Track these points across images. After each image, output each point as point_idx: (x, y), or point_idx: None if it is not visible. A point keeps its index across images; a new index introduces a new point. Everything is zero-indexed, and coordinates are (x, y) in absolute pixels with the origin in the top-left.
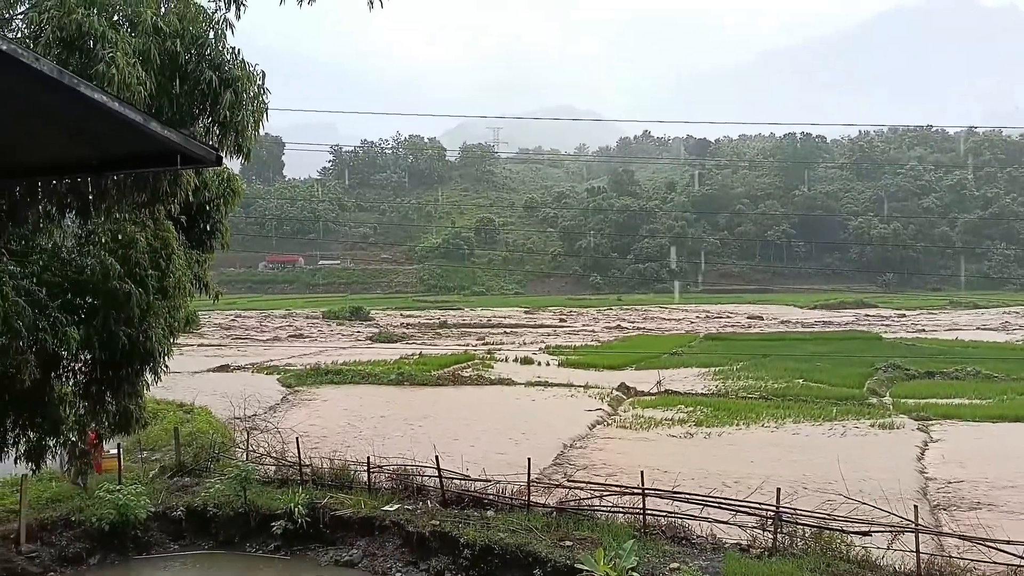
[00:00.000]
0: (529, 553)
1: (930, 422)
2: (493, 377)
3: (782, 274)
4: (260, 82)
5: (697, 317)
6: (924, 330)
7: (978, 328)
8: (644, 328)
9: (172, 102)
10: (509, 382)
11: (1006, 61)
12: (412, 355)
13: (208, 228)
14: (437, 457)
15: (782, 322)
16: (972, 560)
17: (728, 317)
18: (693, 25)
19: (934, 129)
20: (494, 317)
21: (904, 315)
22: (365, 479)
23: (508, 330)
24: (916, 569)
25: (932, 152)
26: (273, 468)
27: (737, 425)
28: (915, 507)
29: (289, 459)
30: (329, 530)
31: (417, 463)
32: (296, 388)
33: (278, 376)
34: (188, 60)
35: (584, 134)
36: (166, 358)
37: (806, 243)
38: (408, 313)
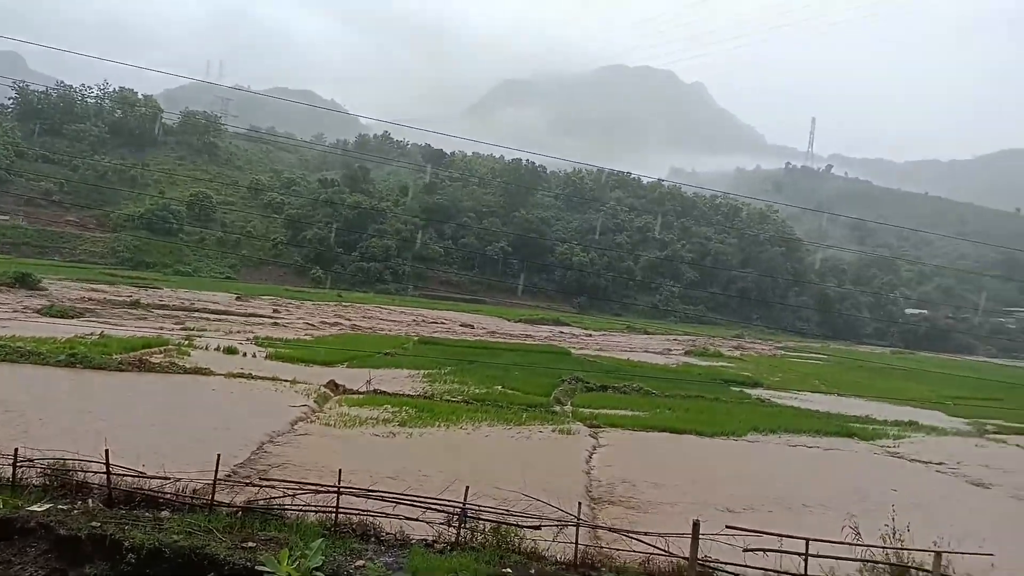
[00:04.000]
0: (206, 556)
1: (600, 429)
2: (188, 366)
3: (496, 288)
4: None
5: (414, 320)
6: (603, 349)
7: (645, 351)
8: (361, 327)
9: None
10: (207, 372)
11: (692, 128)
12: (91, 335)
13: None
14: (107, 451)
15: (490, 332)
16: (619, 549)
17: (443, 323)
18: (445, 40)
19: (632, 176)
20: (199, 301)
21: (590, 335)
22: (10, 475)
23: (214, 316)
24: (574, 558)
25: (628, 196)
26: None
27: (438, 426)
28: (579, 504)
29: None
30: None
31: (81, 457)
32: None
33: None
34: None
35: (322, 123)
36: None
37: (519, 261)
38: (93, 287)
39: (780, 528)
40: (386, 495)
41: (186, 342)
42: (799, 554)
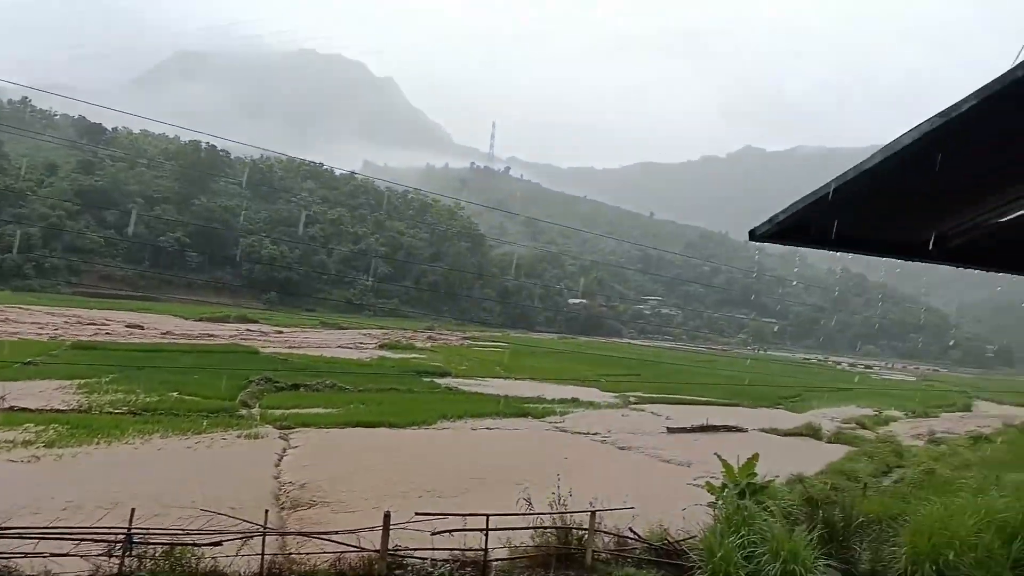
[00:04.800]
0: None
1: (291, 430)
2: None
3: (172, 283)
4: None
5: (66, 322)
6: (295, 346)
7: (339, 346)
8: None
9: None
10: None
11: (384, 122)
12: None
13: None
14: None
15: (164, 333)
16: (309, 553)
17: (104, 324)
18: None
19: (324, 168)
20: None
21: (281, 332)
22: None
23: None
24: (260, 570)
25: (321, 187)
26: None
27: (98, 443)
28: (266, 511)
29: None
30: None
31: None
32: None
33: None
34: None
35: None
36: None
37: (200, 254)
38: None
39: (467, 507)
40: (25, 531)
41: None
42: (481, 530)
